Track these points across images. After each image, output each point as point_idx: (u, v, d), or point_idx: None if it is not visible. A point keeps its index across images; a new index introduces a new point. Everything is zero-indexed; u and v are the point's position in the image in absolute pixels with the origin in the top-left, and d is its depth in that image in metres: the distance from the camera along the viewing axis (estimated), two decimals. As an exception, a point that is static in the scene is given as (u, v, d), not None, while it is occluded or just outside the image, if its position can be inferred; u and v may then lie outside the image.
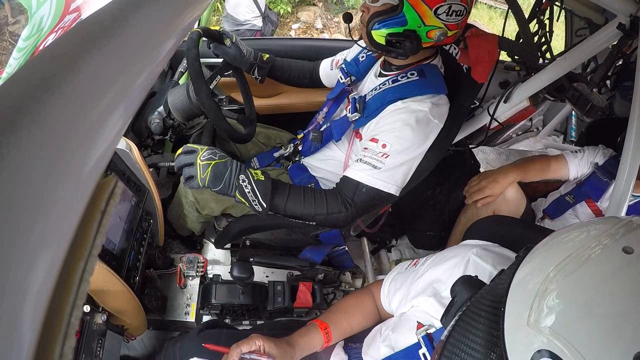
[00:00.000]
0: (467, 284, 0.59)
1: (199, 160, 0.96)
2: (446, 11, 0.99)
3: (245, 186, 0.97)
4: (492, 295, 0.50)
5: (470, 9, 1.04)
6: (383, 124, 1.06)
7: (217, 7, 4.24)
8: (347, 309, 0.95)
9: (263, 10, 3.37)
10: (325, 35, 4.75)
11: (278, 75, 1.43)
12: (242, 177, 0.97)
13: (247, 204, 0.99)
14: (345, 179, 1.06)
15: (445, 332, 0.53)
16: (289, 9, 4.86)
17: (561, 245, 0.47)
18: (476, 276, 0.61)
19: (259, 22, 3.38)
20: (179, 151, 1.00)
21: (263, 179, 0.99)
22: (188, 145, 1.01)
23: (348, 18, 1.19)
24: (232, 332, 1.06)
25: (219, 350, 0.87)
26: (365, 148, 1.05)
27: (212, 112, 1.08)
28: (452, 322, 0.53)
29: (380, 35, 1.05)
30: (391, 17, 1.02)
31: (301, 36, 4.72)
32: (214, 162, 0.96)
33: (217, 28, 1.23)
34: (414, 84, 1.08)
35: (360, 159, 1.04)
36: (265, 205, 0.98)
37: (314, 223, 1.07)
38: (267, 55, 1.38)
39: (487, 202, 1.39)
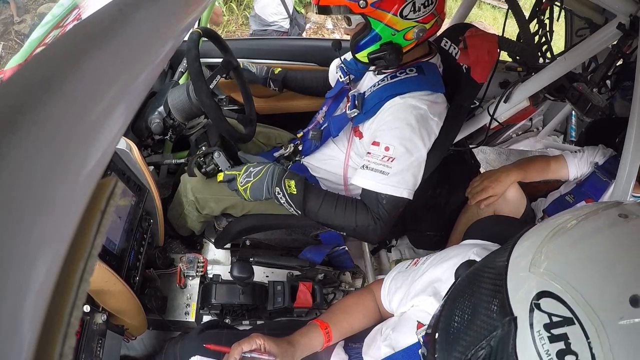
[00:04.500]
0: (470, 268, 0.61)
1: (239, 186, 1.09)
2: (412, 9, 0.98)
3: (280, 197, 1.07)
4: (495, 256, 0.52)
5: None
6: (383, 122, 1.06)
7: (248, 4, 4.18)
8: (347, 308, 0.95)
9: (291, 12, 3.37)
10: (336, 36, 4.75)
11: (293, 86, 1.49)
12: (277, 189, 1.06)
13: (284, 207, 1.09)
14: (365, 193, 1.06)
15: (445, 294, 0.55)
16: (300, 10, 4.84)
17: (562, 214, 0.50)
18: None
19: (286, 24, 3.37)
20: (220, 179, 1.13)
21: (295, 192, 1.05)
22: (226, 173, 1.12)
23: (337, 45, 1.21)
24: (232, 332, 1.06)
25: (220, 350, 0.87)
26: (368, 153, 1.05)
27: (212, 113, 1.09)
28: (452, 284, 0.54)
29: (362, 56, 1.07)
30: (365, 36, 1.03)
31: (312, 36, 4.71)
32: (250, 184, 1.08)
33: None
34: (412, 80, 1.08)
35: (366, 166, 1.03)
36: (299, 213, 1.07)
37: (344, 234, 1.10)
38: (279, 69, 1.44)
39: (490, 202, 1.39)
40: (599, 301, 0.38)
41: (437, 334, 0.51)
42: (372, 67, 1.13)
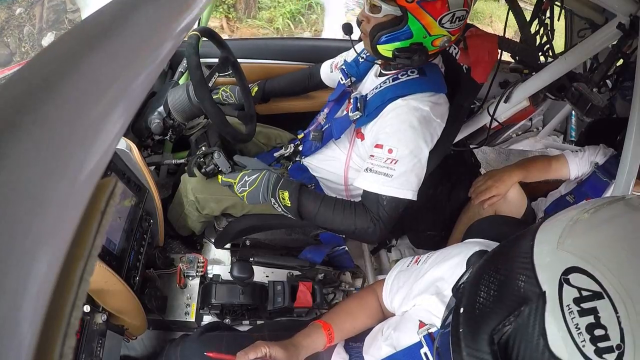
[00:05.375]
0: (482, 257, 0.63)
1: (236, 193, 1.12)
2: (450, 19, 0.98)
3: (277, 207, 1.09)
4: (518, 238, 0.53)
5: (470, 10, 1.04)
6: (385, 125, 1.05)
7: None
8: (350, 309, 0.95)
9: None
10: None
11: (274, 94, 1.53)
12: (272, 200, 1.08)
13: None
14: (366, 194, 1.05)
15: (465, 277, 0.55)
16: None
17: (574, 208, 0.52)
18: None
19: None
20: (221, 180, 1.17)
21: (290, 204, 1.06)
22: (224, 179, 1.15)
23: (348, 29, 1.18)
24: (233, 334, 1.06)
25: (222, 358, 0.87)
26: (371, 155, 1.04)
27: (216, 119, 1.09)
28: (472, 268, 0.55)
29: (387, 49, 1.05)
30: (396, 30, 1.00)
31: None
32: (246, 193, 1.10)
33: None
34: (414, 82, 1.07)
35: (370, 169, 1.03)
36: (296, 219, 1.09)
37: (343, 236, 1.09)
38: (256, 88, 1.48)
39: (494, 202, 1.39)
40: (627, 276, 0.39)
41: (461, 309, 0.52)
42: (379, 62, 1.11)
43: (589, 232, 0.45)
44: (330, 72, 1.41)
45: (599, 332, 0.38)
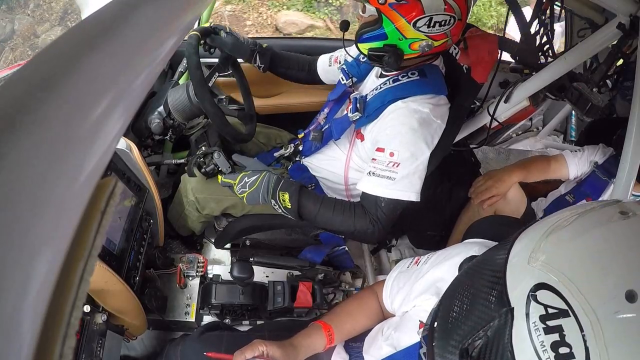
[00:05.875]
0: None
1: (236, 194, 1.12)
2: (427, 23, 0.96)
3: (277, 208, 1.09)
4: (495, 251, 0.53)
5: (465, 16, 1.00)
6: (385, 127, 1.05)
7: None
8: (351, 310, 0.95)
9: None
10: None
11: (277, 66, 1.39)
12: (272, 201, 1.08)
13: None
14: (365, 196, 1.05)
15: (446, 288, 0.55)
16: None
17: (562, 212, 0.51)
18: None
19: None
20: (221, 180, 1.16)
21: (290, 206, 1.05)
22: (224, 180, 1.14)
23: (345, 26, 1.16)
24: (232, 334, 1.06)
25: (221, 358, 0.87)
26: (373, 159, 1.04)
27: (216, 118, 1.09)
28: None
29: (364, 48, 1.06)
30: (372, 30, 1.02)
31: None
32: (246, 194, 1.10)
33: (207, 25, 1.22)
34: (414, 84, 1.07)
35: (373, 172, 1.03)
36: (296, 220, 1.09)
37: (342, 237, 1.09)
38: (266, 44, 1.36)
39: (494, 202, 1.39)
40: (594, 295, 0.39)
41: (435, 323, 0.52)
42: (370, 62, 1.12)
43: (560, 246, 0.44)
44: (328, 66, 1.38)
45: (563, 350, 0.38)
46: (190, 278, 1.23)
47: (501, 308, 0.43)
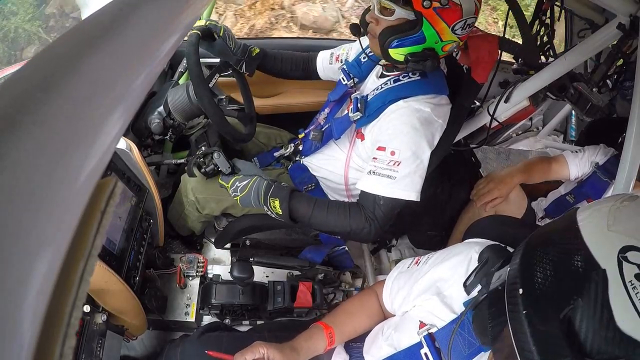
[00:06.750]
0: (496, 251, 0.68)
1: (230, 193, 1.12)
2: (462, 26, 0.99)
3: (270, 213, 1.08)
4: (556, 223, 0.56)
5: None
6: (386, 127, 1.05)
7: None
8: (351, 310, 0.95)
9: None
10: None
11: (269, 67, 1.36)
12: (264, 207, 1.07)
13: None
14: (363, 194, 1.05)
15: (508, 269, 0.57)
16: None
17: (616, 195, 0.58)
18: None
19: None
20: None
21: (281, 213, 1.05)
22: (220, 182, 1.14)
23: (356, 30, 1.12)
24: (233, 335, 1.06)
25: (222, 357, 0.87)
26: (374, 158, 1.04)
27: (216, 118, 1.09)
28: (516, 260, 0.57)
29: (399, 53, 1.03)
30: (409, 35, 1.00)
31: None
32: (238, 198, 1.10)
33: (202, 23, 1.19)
34: (416, 84, 1.07)
35: (373, 171, 1.02)
36: (289, 223, 1.08)
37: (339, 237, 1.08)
38: (257, 50, 1.31)
39: (496, 204, 1.40)
40: None
41: (520, 290, 0.53)
42: (382, 63, 1.10)
43: (635, 217, 0.49)
44: (329, 64, 1.36)
45: None
46: (190, 278, 1.23)
47: (591, 271, 0.45)
